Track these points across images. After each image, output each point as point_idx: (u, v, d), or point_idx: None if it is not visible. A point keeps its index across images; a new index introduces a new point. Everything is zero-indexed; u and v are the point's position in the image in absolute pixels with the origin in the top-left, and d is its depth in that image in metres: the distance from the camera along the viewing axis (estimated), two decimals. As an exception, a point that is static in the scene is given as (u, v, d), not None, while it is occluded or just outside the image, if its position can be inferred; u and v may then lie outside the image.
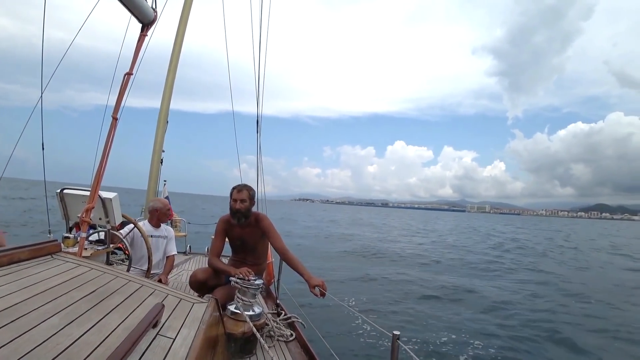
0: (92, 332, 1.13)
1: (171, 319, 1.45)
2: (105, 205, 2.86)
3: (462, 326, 7.17)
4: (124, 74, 2.61)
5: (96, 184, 2.27)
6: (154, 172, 5.34)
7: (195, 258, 7.03)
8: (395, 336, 1.72)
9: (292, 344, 3.18)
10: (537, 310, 8.64)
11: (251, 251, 3.27)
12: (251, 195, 3.17)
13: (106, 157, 2.30)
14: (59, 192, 3.03)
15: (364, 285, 10.36)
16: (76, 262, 1.81)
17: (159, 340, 1.23)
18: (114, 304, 1.40)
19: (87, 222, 2.23)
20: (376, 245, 19.92)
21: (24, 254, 1.65)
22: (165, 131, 5.40)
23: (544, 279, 12.59)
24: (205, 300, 1.83)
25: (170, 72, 5.49)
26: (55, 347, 0.99)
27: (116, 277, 1.75)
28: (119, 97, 2.45)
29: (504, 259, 17.66)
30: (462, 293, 9.87)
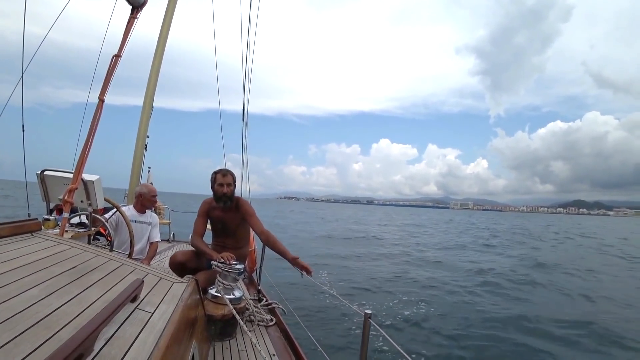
0: (72, 304, 1.16)
1: (150, 295, 1.49)
2: (87, 188, 2.85)
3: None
4: (112, 55, 2.60)
5: (81, 165, 2.27)
6: (138, 157, 5.29)
7: (178, 246, 7.02)
8: (367, 315, 1.79)
9: (272, 329, 3.25)
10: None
11: (232, 235, 3.32)
12: (234, 179, 3.21)
13: (92, 138, 2.30)
14: (39, 173, 2.99)
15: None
16: (57, 240, 1.82)
17: (138, 314, 1.26)
18: (94, 280, 1.43)
19: (69, 203, 2.24)
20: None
21: (4, 231, 1.66)
22: (150, 116, 5.35)
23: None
24: (186, 281, 1.87)
25: (156, 55, 5.43)
26: (34, 315, 1.01)
27: (97, 255, 1.77)
28: (107, 78, 2.44)
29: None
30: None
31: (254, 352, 2.72)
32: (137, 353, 1.00)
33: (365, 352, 1.82)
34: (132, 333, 1.11)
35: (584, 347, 5.76)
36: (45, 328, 0.97)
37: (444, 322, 6.60)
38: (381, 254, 15.59)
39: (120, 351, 0.99)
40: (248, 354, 2.69)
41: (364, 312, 1.80)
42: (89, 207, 2.95)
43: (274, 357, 2.71)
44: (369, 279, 9.90)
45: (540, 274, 11.71)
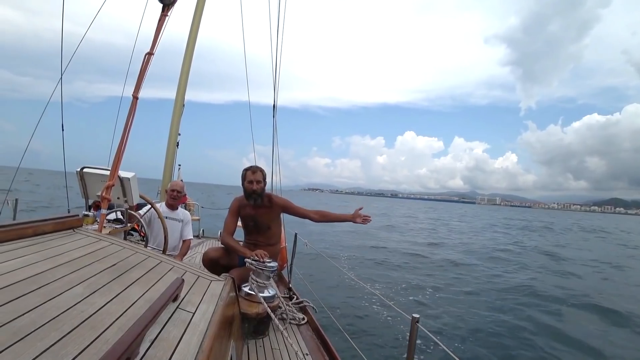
0: (115, 302, 1.15)
1: (190, 294, 1.47)
2: (124, 185, 2.89)
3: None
4: (144, 53, 2.61)
5: (117, 162, 2.30)
6: (170, 155, 5.40)
7: (207, 242, 7.13)
8: (415, 319, 1.71)
9: (304, 328, 3.21)
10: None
11: (264, 232, 3.29)
12: (264, 176, 3.18)
13: (127, 135, 2.32)
14: (78, 170, 3.06)
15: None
16: (97, 236, 1.84)
17: (179, 314, 1.24)
18: (135, 278, 1.42)
19: (107, 199, 2.27)
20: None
21: (48, 227, 1.69)
22: (182, 115, 5.44)
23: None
24: (222, 279, 1.85)
25: (186, 56, 5.50)
26: (80, 314, 1.01)
27: (135, 252, 1.77)
28: (140, 76, 2.46)
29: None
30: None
31: (287, 351, 2.69)
32: (181, 355, 0.97)
33: (412, 358, 1.74)
34: (175, 334, 1.08)
35: None
36: (90, 328, 0.95)
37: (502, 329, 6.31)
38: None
39: (165, 353, 0.96)
40: (281, 352, 2.66)
41: (412, 316, 1.72)
42: (125, 204, 2.99)
43: (307, 356, 2.67)
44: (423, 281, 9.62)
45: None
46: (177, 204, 4.16)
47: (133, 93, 2.41)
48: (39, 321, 0.92)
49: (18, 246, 1.40)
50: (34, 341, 0.83)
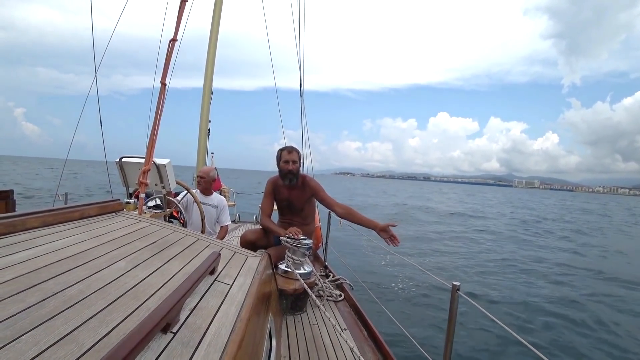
0: (155, 275, 1.19)
1: (227, 268, 1.50)
2: (160, 171, 2.99)
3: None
4: (168, 40, 2.65)
5: (150, 148, 2.37)
6: (202, 142, 5.52)
7: (244, 225, 7.33)
8: (455, 287, 1.67)
9: (341, 304, 3.24)
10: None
11: (298, 212, 3.31)
12: (300, 157, 3.17)
13: (158, 121, 2.38)
14: (118, 160, 3.20)
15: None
16: (137, 218, 1.93)
17: (217, 285, 1.27)
18: (174, 253, 1.47)
19: (144, 184, 2.36)
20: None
21: (93, 210, 1.78)
22: (211, 101, 5.53)
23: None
24: (259, 255, 1.88)
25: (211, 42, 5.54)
26: (123, 285, 1.06)
27: (174, 231, 1.84)
28: (166, 63, 2.50)
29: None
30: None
31: (326, 326, 2.72)
32: (220, 324, 0.99)
33: (454, 326, 1.70)
34: (213, 304, 1.11)
35: None
36: (133, 297, 0.99)
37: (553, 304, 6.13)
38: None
39: (204, 321, 0.98)
40: (320, 328, 2.70)
41: (452, 284, 1.68)
42: (163, 190, 3.10)
43: (345, 331, 2.69)
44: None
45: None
46: (211, 189, 4.26)
47: (161, 80, 2.46)
48: (86, 291, 0.97)
49: (66, 227, 1.48)
50: (82, 308, 0.88)
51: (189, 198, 3.87)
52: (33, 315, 0.81)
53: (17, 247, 1.17)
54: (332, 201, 3.13)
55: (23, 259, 1.08)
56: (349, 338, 2.50)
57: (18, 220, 1.33)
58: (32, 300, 0.87)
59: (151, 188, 3.13)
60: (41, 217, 1.44)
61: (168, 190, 3.16)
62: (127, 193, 3.34)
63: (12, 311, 0.80)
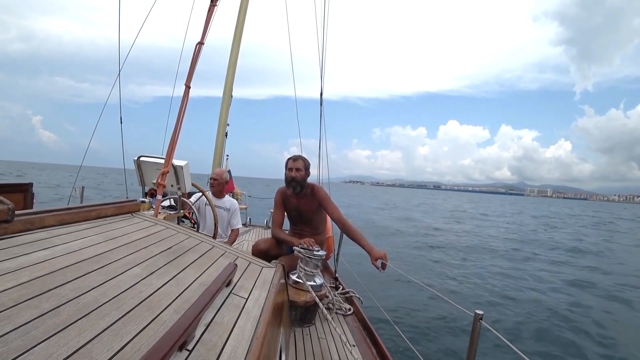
0: (171, 284, 1.16)
1: (242, 280, 1.47)
2: (177, 172, 2.99)
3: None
4: (195, 43, 2.66)
5: (171, 150, 2.37)
6: (219, 144, 5.55)
7: (255, 230, 7.32)
8: (478, 315, 1.60)
9: (350, 318, 3.17)
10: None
11: (308, 222, 3.26)
12: (306, 165, 3.13)
13: (180, 123, 2.38)
14: (136, 159, 3.21)
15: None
16: (153, 221, 1.91)
17: (233, 299, 1.24)
18: (189, 261, 1.44)
19: (162, 186, 2.35)
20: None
21: (109, 210, 1.77)
22: (230, 105, 5.56)
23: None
24: (273, 266, 1.84)
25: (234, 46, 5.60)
26: (138, 294, 1.03)
27: (189, 236, 1.81)
28: (192, 65, 2.51)
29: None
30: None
31: (334, 341, 2.66)
32: (236, 342, 0.95)
33: (474, 356, 1.63)
34: (229, 319, 1.07)
35: None
36: (148, 309, 0.96)
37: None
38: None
39: (220, 338, 0.94)
40: (328, 342, 2.64)
41: (475, 312, 1.61)
42: (178, 191, 3.09)
43: (354, 348, 2.62)
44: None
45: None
46: (224, 192, 4.25)
47: (186, 82, 2.47)
48: (101, 299, 0.94)
49: (83, 227, 1.47)
50: (96, 318, 0.85)
51: (202, 200, 3.86)
52: (47, 323, 0.78)
53: (34, 246, 1.15)
54: (335, 213, 3.06)
55: (40, 260, 1.07)
56: (357, 355, 2.43)
57: (36, 217, 1.32)
58: (46, 306, 0.84)
59: (167, 189, 3.13)
60: (59, 215, 1.43)
61: (184, 191, 3.16)
62: (142, 192, 3.34)
63: (26, 318, 0.78)
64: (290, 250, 3.05)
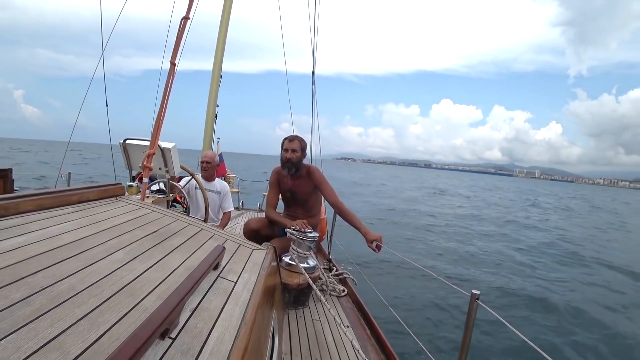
0: (155, 269, 1.11)
1: (231, 263, 1.42)
2: (165, 155, 2.90)
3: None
4: (180, 18, 2.53)
5: (157, 130, 2.28)
6: (209, 127, 5.41)
7: (247, 213, 7.27)
8: (475, 295, 1.58)
9: (344, 299, 3.17)
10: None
11: (302, 204, 3.22)
12: (302, 146, 3.07)
13: (166, 103, 2.28)
14: (122, 142, 3.12)
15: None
16: (139, 204, 1.84)
17: (221, 282, 1.19)
18: (175, 244, 1.39)
19: (148, 168, 2.27)
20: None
21: (92, 194, 1.69)
22: (219, 85, 5.40)
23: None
24: (264, 248, 1.80)
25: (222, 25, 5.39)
26: (119, 280, 0.97)
27: (176, 219, 1.75)
28: (177, 41, 2.39)
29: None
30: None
31: (328, 322, 2.66)
32: (224, 328, 0.91)
33: (470, 337, 1.62)
34: (216, 304, 1.03)
35: None
36: (129, 295, 0.91)
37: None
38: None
39: (206, 324, 0.90)
40: (322, 324, 2.64)
41: (471, 292, 1.59)
42: (167, 174, 3.01)
43: (348, 328, 2.63)
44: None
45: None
46: (215, 175, 4.17)
47: (171, 59, 2.35)
48: (78, 287, 0.88)
49: (63, 212, 1.40)
50: (72, 307, 0.80)
51: (191, 184, 3.78)
52: (16, 314, 0.72)
53: (8, 233, 1.08)
54: (331, 196, 3.01)
55: (13, 247, 1.00)
56: (352, 336, 2.44)
57: (11, 202, 1.24)
58: (16, 296, 0.78)
59: (155, 172, 3.05)
60: (37, 200, 1.35)
61: (172, 174, 3.08)
62: (130, 176, 3.26)
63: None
64: (282, 232, 3.01)
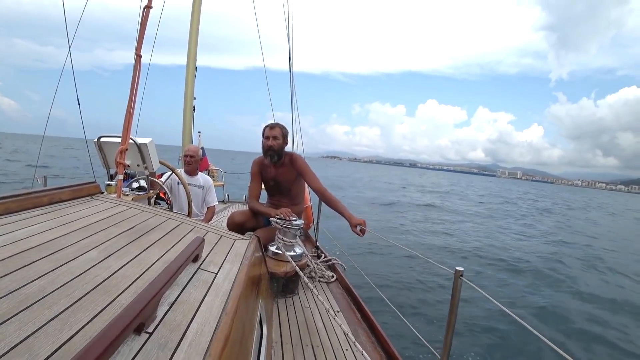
0: (131, 265, 1.08)
1: (212, 254, 1.39)
2: (142, 151, 2.82)
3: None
4: (142, 7, 2.43)
5: (127, 125, 2.21)
6: (187, 120, 5.29)
7: (233, 206, 7.21)
8: (459, 272, 1.60)
9: (333, 285, 3.19)
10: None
11: (286, 192, 3.19)
12: (284, 134, 3.02)
13: (134, 97, 2.21)
14: (96, 140, 3.02)
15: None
16: (115, 202, 1.79)
17: (201, 274, 1.17)
18: (153, 240, 1.35)
19: (122, 164, 2.21)
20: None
21: (65, 195, 1.63)
22: (195, 76, 5.27)
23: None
24: (247, 238, 1.78)
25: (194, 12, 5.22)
26: (94, 279, 0.94)
27: (155, 214, 1.71)
28: (141, 32, 2.30)
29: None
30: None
31: (318, 309, 2.67)
32: (204, 319, 0.89)
33: (455, 313, 1.64)
34: (196, 296, 1.00)
35: None
36: (104, 293, 0.88)
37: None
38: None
39: (185, 317, 0.88)
40: (312, 311, 2.65)
41: (455, 269, 1.61)
42: (145, 171, 2.94)
43: (339, 313, 2.65)
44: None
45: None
46: (198, 169, 4.10)
47: (135, 51, 2.27)
48: (49, 288, 0.85)
49: (32, 214, 1.34)
50: (41, 309, 0.77)
51: (173, 179, 3.71)
52: None
53: None
54: (315, 183, 2.98)
55: None
56: (342, 321, 2.45)
57: None
58: None
59: (134, 169, 2.97)
60: (4, 203, 1.29)
61: (151, 170, 3.01)
62: (107, 175, 3.17)
63: None
64: (267, 222, 2.99)
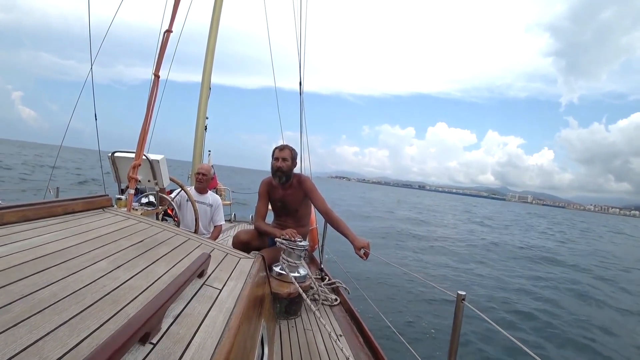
0: (139, 277, 1.10)
1: (217, 271, 1.41)
2: (153, 167, 2.90)
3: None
4: (163, 31, 2.56)
5: (142, 142, 2.28)
6: (199, 139, 5.41)
7: (239, 226, 7.22)
8: (461, 296, 1.59)
9: (337, 309, 3.15)
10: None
11: (293, 213, 3.21)
12: (293, 156, 3.07)
13: (150, 115, 2.29)
14: (110, 155, 3.11)
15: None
16: (126, 215, 1.83)
17: (206, 290, 1.19)
18: (161, 254, 1.38)
19: (134, 179, 2.27)
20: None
21: (78, 206, 1.68)
22: (209, 97, 5.42)
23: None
24: (252, 257, 1.79)
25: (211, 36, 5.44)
26: (102, 288, 0.97)
27: (163, 230, 1.74)
28: (160, 54, 2.41)
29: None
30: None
31: (321, 332, 2.64)
32: (207, 333, 0.91)
33: (457, 338, 1.62)
34: (200, 311, 1.02)
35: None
36: (112, 302, 0.91)
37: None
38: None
39: (189, 330, 0.89)
40: (314, 333, 2.62)
41: (457, 293, 1.60)
42: (156, 186, 3.00)
43: (341, 337, 2.61)
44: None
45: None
46: (207, 187, 4.16)
47: (154, 72, 2.38)
48: (60, 294, 0.88)
49: (47, 223, 1.39)
50: (52, 314, 0.79)
51: (182, 196, 3.77)
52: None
53: None
54: (322, 205, 2.99)
55: None
56: (344, 345, 2.42)
57: None
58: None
59: (144, 185, 3.04)
60: (21, 211, 1.34)
61: (161, 187, 3.07)
62: (119, 189, 3.24)
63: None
64: (272, 242, 3.00)
